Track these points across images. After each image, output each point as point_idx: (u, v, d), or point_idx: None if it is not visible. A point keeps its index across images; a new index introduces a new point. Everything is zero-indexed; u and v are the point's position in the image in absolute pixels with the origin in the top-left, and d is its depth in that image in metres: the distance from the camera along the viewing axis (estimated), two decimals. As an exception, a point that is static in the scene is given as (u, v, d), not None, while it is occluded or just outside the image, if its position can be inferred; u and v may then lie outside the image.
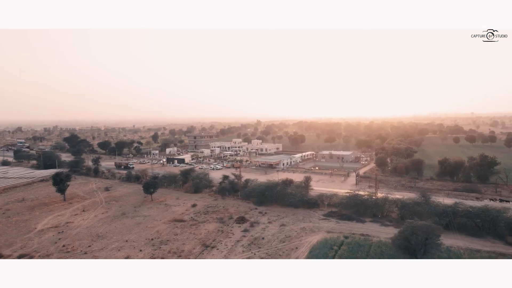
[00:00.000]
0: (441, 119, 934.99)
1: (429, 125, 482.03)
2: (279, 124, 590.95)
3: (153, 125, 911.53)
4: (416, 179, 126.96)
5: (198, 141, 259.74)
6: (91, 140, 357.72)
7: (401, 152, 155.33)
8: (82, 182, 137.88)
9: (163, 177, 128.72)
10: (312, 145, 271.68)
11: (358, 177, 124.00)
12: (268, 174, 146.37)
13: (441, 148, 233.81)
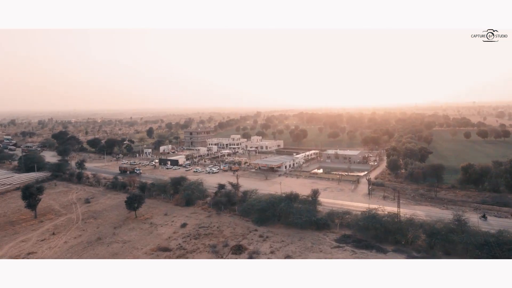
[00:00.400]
0: (443, 109, 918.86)
1: (434, 116, 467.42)
2: (279, 116, 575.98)
3: (152, 116, 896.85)
4: (436, 187, 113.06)
5: (194, 137, 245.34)
6: (84, 135, 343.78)
7: (415, 153, 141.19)
8: (63, 190, 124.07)
9: (152, 185, 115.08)
10: (315, 141, 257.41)
11: (371, 187, 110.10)
12: (269, 179, 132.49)
13: (452, 144, 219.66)
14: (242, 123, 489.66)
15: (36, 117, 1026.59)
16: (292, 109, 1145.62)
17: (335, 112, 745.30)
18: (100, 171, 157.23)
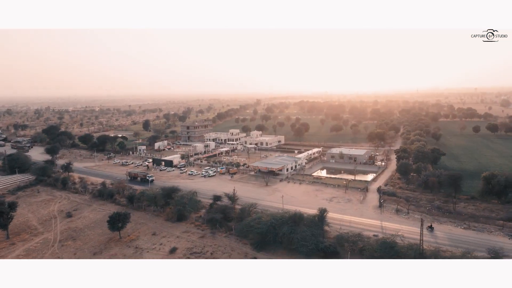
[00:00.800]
0: (445, 96, 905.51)
1: (437, 106, 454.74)
2: (279, 104, 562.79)
3: (151, 104, 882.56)
4: (453, 197, 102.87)
5: (191, 131, 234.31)
6: (79, 127, 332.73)
7: (427, 155, 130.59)
8: (45, 199, 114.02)
9: (141, 195, 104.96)
10: (317, 135, 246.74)
11: (382, 199, 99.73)
12: (270, 185, 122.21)
13: (462, 140, 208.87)
14: (242, 112, 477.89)
15: (36, 104, 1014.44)
16: (292, 96, 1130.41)
17: (336, 100, 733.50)
18: (90, 173, 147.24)
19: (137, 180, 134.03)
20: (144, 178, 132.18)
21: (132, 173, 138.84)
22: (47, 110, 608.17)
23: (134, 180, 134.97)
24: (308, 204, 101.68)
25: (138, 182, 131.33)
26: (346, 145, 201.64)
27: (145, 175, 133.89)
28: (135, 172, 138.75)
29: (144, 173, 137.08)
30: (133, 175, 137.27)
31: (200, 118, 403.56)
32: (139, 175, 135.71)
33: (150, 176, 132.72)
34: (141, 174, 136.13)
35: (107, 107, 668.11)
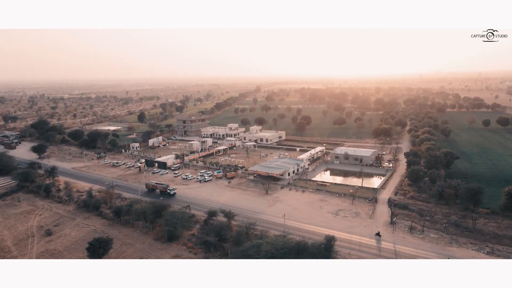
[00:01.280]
0: (449, 81, 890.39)
1: (442, 94, 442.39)
2: (280, 92, 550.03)
3: (149, 89, 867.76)
4: (472, 211, 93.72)
5: (188, 125, 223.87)
6: (72, 118, 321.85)
7: (440, 160, 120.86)
8: (25, 210, 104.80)
9: (128, 208, 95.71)
10: (319, 128, 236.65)
11: (394, 217, 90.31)
12: (270, 193, 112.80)
13: (471, 135, 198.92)
14: (241, 101, 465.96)
15: (33, 89, 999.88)
16: (293, 81, 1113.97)
17: (337, 86, 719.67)
18: (77, 176, 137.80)
19: (155, 192, 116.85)
20: (164, 191, 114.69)
21: (150, 184, 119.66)
22: (41, 97, 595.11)
23: (152, 192, 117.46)
24: (313, 219, 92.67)
25: (157, 195, 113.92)
26: (350, 141, 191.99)
27: (165, 187, 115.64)
28: (154, 183, 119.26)
29: (164, 184, 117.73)
30: (151, 187, 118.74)
31: (198, 108, 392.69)
32: (159, 187, 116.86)
33: (171, 189, 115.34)
34: (161, 185, 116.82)
35: (104, 94, 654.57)
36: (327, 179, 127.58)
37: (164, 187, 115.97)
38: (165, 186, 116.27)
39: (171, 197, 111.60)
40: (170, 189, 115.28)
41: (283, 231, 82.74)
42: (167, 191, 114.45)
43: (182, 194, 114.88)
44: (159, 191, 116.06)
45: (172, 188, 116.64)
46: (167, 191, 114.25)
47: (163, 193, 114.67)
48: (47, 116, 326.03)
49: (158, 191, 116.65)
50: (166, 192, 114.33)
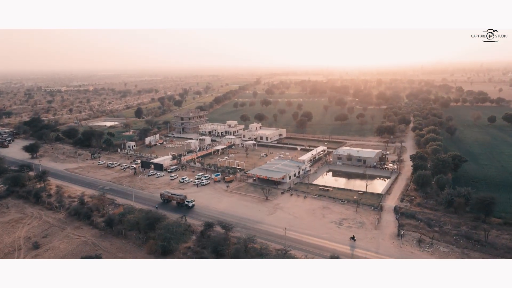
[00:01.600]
0: (450, 72, 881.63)
1: (445, 87, 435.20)
2: (280, 84, 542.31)
3: (148, 81, 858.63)
4: (483, 221, 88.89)
5: (186, 122, 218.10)
6: (68, 113, 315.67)
7: (448, 164, 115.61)
8: (13, 218, 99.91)
9: (121, 217, 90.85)
10: (320, 124, 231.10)
11: (402, 231, 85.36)
12: (270, 199, 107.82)
13: (478, 133, 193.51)
14: (241, 93, 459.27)
15: (31, 80, 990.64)
16: (293, 72, 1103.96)
17: (338, 78, 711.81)
18: (70, 179, 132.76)
19: (171, 204, 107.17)
20: (181, 203, 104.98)
21: (165, 194, 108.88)
22: (38, 90, 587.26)
23: (168, 203, 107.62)
24: (315, 229, 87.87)
25: (174, 207, 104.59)
26: (353, 140, 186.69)
27: (183, 198, 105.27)
28: (170, 194, 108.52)
29: (182, 195, 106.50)
30: (167, 197, 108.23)
31: (197, 101, 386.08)
32: (175, 198, 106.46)
33: (190, 200, 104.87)
34: (178, 197, 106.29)
35: (102, 86, 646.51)
36: (330, 183, 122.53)
37: (181, 198, 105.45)
38: (182, 198, 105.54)
39: (189, 210, 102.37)
40: (188, 201, 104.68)
41: (284, 245, 78.04)
42: (185, 202, 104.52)
43: (201, 205, 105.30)
44: (176, 202, 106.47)
45: (190, 200, 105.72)
46: (185, 203, 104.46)
47: (180, 205, 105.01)
48: (42, 111, 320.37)
49: (174, 202, 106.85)
50: (184, 204, 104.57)
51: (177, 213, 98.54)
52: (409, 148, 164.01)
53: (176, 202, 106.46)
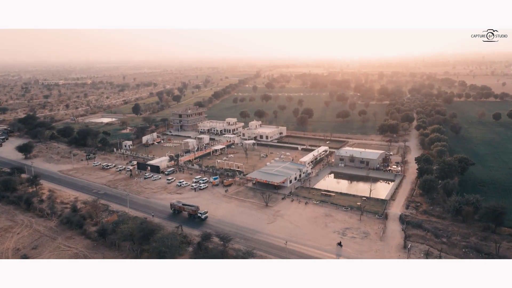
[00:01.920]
0: (452, 64, 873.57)
1: (448, 81, 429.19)
2: (280, 78, 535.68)
3: (148, 73, 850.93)
4: (493, 231, 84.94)
5: (184, 120, 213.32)
6: (64, 109, 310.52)
7: (454, 167, 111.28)
8: (3, 226, 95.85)
9: (114, 227, 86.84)
10: (322, 121, 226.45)
11: (409, 241, 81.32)
12: (270, 206, 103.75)
13: (483, 131, 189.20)
14: (241, 87, 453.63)
15: (29, 72, 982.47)
16: (293, 64, 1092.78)
17: (338, 70, 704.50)
18: (64, 182, 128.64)
19: (182, 215, 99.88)
20: (194, 214, 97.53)
21: (176, 205, 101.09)
22: (36, 83, 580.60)
23: (178, 214, 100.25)
24: (317, 241, 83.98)
25: (185, 219, 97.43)
26: (355, 138, 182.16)
27: (195, 209, 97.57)
28: (180, 205, 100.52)
29: (194, 206, 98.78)
30: (177, 208, 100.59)
31: (196, 96, 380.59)
32: (187, 209, 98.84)
33: (202, 212, 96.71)
34: (190, 208, 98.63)
35: (100, 80, 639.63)
36: (332, 187, 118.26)
37: (193, 209, 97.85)
38: (194, 209, 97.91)
39: (202, 222, 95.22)
40: (201, 213, 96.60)
41: (285, 255, 74.16)
42: (198, 214, 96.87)
43: (216, 217, 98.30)
44: (187, 213, 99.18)
45: (203, 211, 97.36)
46: (197, 215, 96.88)
47: (192, 217, 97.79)
48: (38, 106, 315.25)
49: (186, 213, 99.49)
50: (196, 215, 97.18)
51: (190, 226, 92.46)
52: (413, 148, 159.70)
53: (188, 214, 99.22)
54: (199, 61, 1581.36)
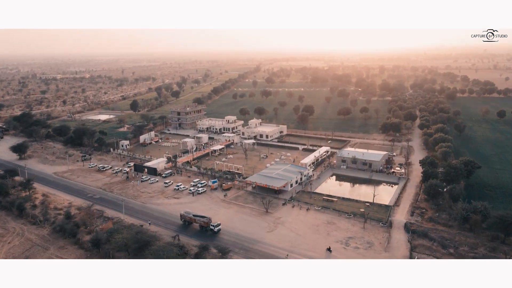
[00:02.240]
0: (453, 58, 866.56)
1: (450, 76, 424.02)
2: (280, 72, 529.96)
3: (147, 67, 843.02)
4: (502, 241, 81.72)
5: (182, 118, 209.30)
6: (61, 105, 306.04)
7: (460, 171, 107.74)
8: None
9: (109, 236, 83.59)
10: (322, 119, 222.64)
11: (415, 253, 78.00)
12: (271, 212, 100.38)
13: (487, 130, 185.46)
14: (241, 82, 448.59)
15: (27, 65, 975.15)
16: (293, 57, 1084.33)
17: (339, 64, 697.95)
18: (58, 185, 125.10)
19: (193, 227, 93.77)
20: (206, 226, 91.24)
21: (186, 216, 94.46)
22: (33, 78, 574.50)
23: (189, 225, 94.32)
24: (320, 251, 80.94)
25: (196, 231, 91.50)
26: (357, 138, 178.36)
27: (207, 221, 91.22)
28: (191, 216, 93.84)
29: (206, 218, 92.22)
30: (188, 219, 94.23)
31: (195, 91, 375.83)
32: (198, 220, 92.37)
33: (215, 224, 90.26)
34: (201, 219, 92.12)
35: (99, 74, 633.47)
36: (334, 191, 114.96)
37: (205, 221, 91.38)
38: (206, 220, 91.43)
39: (215, 235, 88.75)
40: (214, 225, 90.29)
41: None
42: (210, 226, 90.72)
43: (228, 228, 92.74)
44: (200, 225, 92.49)
45: (216, 223, 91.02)
46: (210, 227, 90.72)
47: (203, 229, 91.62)
48: (35, 102, 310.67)
49: (197, 225, 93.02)
50: (208, 227, 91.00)
51: (201, 239, 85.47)
52: (416, 148, 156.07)
53: (199, 226, 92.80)
54: (198, 54, 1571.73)
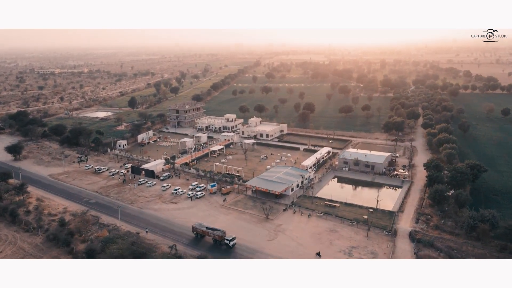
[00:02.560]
0: (455, 51, 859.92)
1: (452, 72, 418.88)
2: (281, 66, 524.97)
3: (146, 61, 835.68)
4: (511, 253, 78.75)
5: (181, 116, 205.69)
6: (59, 101, 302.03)
7: (466, 175, 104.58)
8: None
9: (104, 246, 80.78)
10: (324, 116, 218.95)
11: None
12: (271, 218, 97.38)
13: (491, 129, 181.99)
14: (240, 77, 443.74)
15: (26, 59, 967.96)
16: (294, 51, 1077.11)
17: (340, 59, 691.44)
18: (53, 189, 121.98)
19: (206, 240, 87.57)
20: (220, 240, 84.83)
21: (199, 229, 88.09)
22: (31, 72, 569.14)
23: (201, 239, 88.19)
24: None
25: (209, 245, 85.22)
26: (359, 137, 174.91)
27: (221, 235, 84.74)
28: (204, 228, 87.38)
29: (220, 231, 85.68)
30: (201, 232, 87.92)
31: (194, 87, 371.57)
32: (211, 234, 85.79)
33: (230, 238, 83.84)
34: (215, 232, 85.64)
35: (97, 68, 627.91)
36: (336, 195, 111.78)
37: (219, 234, 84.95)
38: (220, 234, 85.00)
39: (230, 250, 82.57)
40: (229, 239, 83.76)
41: None
42: (224, 240, 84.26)
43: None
44: (213, 239, 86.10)
45: (230, 237, 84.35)
46: (225, 241, 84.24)
47: (217, 243, 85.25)
48: (32, 99, 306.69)
49: (211, 239, 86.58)
50: (223, 242, 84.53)
51: (215, 253, 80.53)
52: (419, 149, 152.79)
53: (213, 239, 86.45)
54: (198, 47, 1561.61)
